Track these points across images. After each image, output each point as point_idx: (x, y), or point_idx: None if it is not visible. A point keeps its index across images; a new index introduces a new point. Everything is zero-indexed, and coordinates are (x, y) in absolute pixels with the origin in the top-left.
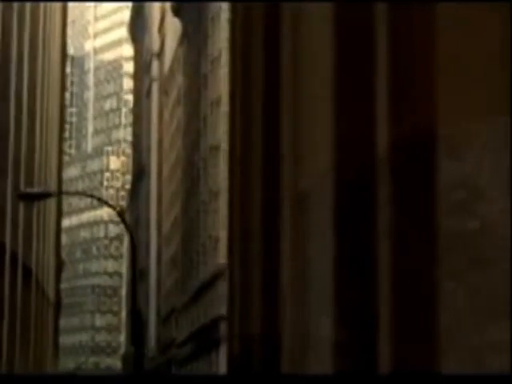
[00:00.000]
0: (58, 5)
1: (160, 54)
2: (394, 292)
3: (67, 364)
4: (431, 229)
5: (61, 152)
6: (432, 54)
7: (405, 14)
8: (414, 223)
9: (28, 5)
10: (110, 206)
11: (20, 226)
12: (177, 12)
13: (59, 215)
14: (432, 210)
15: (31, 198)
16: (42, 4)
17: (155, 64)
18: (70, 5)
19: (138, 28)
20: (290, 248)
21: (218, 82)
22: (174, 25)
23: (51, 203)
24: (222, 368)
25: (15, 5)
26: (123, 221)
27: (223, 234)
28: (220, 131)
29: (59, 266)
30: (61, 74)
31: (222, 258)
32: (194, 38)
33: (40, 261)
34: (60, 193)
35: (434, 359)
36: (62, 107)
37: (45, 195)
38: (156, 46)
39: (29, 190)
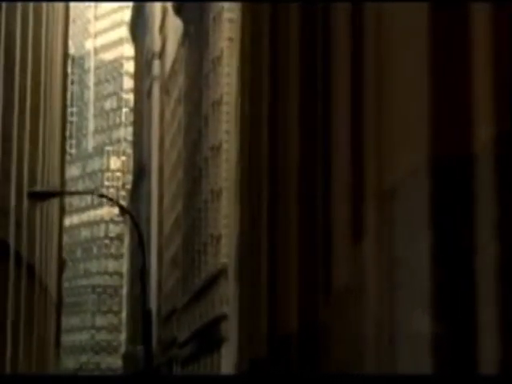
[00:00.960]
0: (61, 4)
1: (161, 54)
2: (497, 289)
3: (68, 363)
4: None
5: (63, 151)
6: None
7: (503, 11)
8: None
9: (31, 4)
10: (118, 205)
11: (23, 225)
12: (178, 11)
13: (62, 214)
14: None
15: (40, 197)
16: (44, 4)
17: (156, 63)
18: (71, 4)
19: (138, 27)
20: (375, 247)
21: (220, 82)
22: (175, 24)
23: (54, 203)
24: (224, 368)
25: (19, 4)
26: (132, 218)
27: (225, 234)
28: (221, 131)
29: (61, 266)
30: (62, 74)
31: (223, 257)
32: (196, 37)
33: (43, 260)
34: (68, 192)
35: None
36: (64, 107)
37: (54, 194)
38: (157, 46)
39: (38, 189)
